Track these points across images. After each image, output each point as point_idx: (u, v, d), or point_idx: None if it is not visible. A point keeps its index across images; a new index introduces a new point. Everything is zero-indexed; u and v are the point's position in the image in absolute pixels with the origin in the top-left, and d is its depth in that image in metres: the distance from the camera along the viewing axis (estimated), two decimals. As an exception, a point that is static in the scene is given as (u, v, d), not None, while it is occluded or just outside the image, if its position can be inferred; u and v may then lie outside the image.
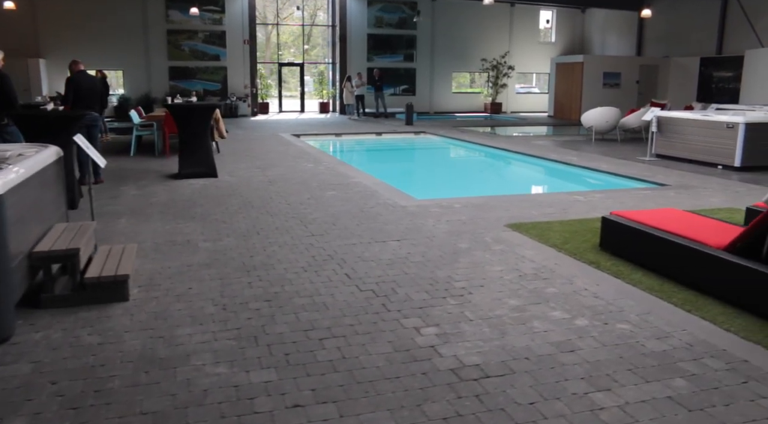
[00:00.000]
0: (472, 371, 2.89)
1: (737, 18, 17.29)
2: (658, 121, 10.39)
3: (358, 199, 6.83)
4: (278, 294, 3.93)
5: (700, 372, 2.88)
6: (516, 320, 3.49)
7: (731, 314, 3.57)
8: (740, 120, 9.09)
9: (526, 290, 3.96)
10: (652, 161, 10.18)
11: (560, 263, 4.53)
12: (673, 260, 4.11)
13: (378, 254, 4.77)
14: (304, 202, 6.73)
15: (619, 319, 3.51)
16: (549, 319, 3.50)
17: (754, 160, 9.07)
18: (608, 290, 3.97)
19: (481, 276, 4.23)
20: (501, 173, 11.23)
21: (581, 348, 3.13)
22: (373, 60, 22.01)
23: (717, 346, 3.16)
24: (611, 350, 3.11)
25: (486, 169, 11.94)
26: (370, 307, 3.69)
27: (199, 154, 8.37)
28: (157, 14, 19.53)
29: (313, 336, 3.30)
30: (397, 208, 6.36)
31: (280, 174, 8.64)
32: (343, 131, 15.67)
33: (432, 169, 12.00)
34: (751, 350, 3.12)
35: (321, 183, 7.90)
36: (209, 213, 6.20)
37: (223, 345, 3.19)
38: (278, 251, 4.88)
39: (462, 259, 4.62)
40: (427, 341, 3.22)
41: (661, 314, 3.58)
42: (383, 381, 2.80)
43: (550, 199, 6.88)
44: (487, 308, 3.66)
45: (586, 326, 3.41)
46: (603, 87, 19.11)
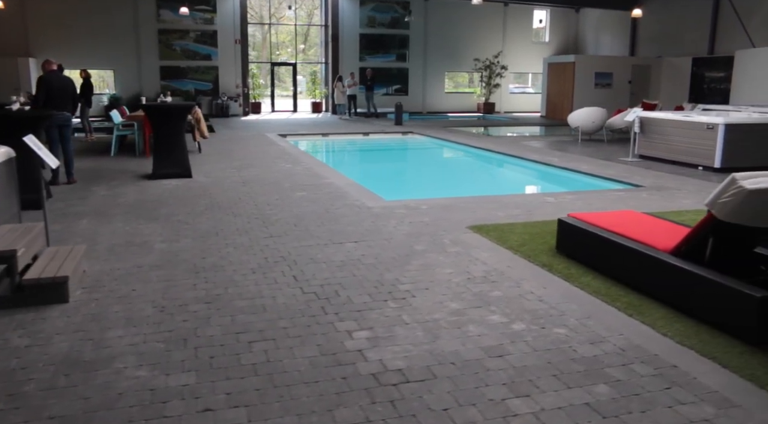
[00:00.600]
0: (393, 376, 2.85)
1: (729, 18, 17.20)
2: (641, 121, 10.33)
3: (325, 200, 6.79)
4: (220, 296, 3.89)
5: (625, 378, 2.84)
6: (452, 323, 3.45)
7: (672, 318, 3.52)
8: (720, 121, 9.02)
9: (470, 294, 3.92)
10: (634, 162, 10.12)
11: (513, 266, 4.48)
12: (621, 263, 4.07)
13: (331, 255, 4.74)
14: (272, 203, 6.70)
15: (558, 323, 3.46)
16: (486, 323, 3.46)
17: (733, 162, 8.99)
18: (554, 294, 3.92)
19: (428, 279, 4.19)
20: (477, 174, 11.16)
21: (511, 353, 3.09)
22: (366, 60, 21.97)
23: (650, 351, 3.12)
24: (541, 355, 3.07)
25: (464, 169, 11.90)
26: (308, 310, 3.66)
27: (175, 154, 8.34)
28: (148, 14, 19.53)
29: (243, 339, 3.26)
30: (362, 210, 6.32)
31: (256, 175, 8.61)
32: (330, 131, 15.63)
33: (410, 170, 11.96)
34: (683, 355, 3.07)
35: (294, 184, 7.87)
36: (173, 214, 6.18)
37: (151, 348, 3.16)
38: (232, 252, 4.85)
39: (414, 261, 4.58)
40: (357, 344, 3.18)
41: (602, 319, 3.54)
42: (300, 385, 2.77)
43: (519, 201, 6.83)
44: (426, 312, 3.62)
45: (522, 330, 3.37)
46: (595, 87, 19.03)
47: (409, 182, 10.23)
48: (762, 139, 8.94)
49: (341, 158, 13.43)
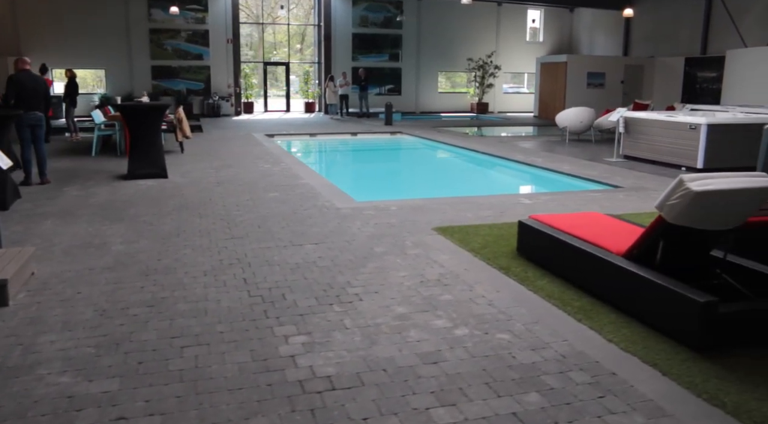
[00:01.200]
0: (320, 383, 2.77)
1: (722, 18, 17.06)
2: (625, 122, 10.22)
3: (296, 201, 6.71)
4: (165, 299, 3.82)
5: (560, 386, 2.75)
6: (394, 328, 3.37)
7: (621, 323, 3.43)
8: (702, 121, 8.91)
9: (420, 297, 3.83)
10: (618, 163, 10.01)
11: (470, 269, 4.40)
12: (576, 266, 3.98)
13: (288, 257, 4.66)
14: (241, 203, 6.62)
15: (503, 328, 3.38)
16: (429, 328, 3.38)
17: (716, 162, 8.88)
18: (506, 298, 3.84)
19: (380, 282, 4.11)
20: (457, 175, 11.06)
21: (447, 360, 3.00)
22: (358, 59, 21.87)
23: (591, 358, 3.03)
24: (478, 361, 2.98)
25: (445, 170, 11.81)
26: (251, 313, 3.58)
27: (151, 154, 8.26)
28: (139, 13, 19.47)
29: (176, 344, 3.18)
30: (330, 211, 6.24)
31: (233, 175, 8.53)
32: (319, 131, 15.55)
33: (390, 171, 11.86)
34: (625, 362, 2.98)
35: (268, 184, 7.79)
36: (140, 215, 6.10)
37: (81, 353, 3.08)
38: (189, 254, 4.77)
39: (370, 264, 4.50)
40: (291, 350, 3.10)
41: (549, 324, 3.45)
42: (223, 392, 2.69)
43: (493, 202, 6.74)
44: (370, 316, 3.53)
45: (464, 335, 3.28)
46: (587, 87, 18.90)
47: (386, 183, 10.16)
48: (744, 139, 8.82)
49: (323, 159, 13.35)
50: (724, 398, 2.64)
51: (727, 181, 3.24)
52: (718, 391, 2.70)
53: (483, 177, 10.79)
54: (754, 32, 16.05)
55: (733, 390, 2.71)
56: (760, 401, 2.62)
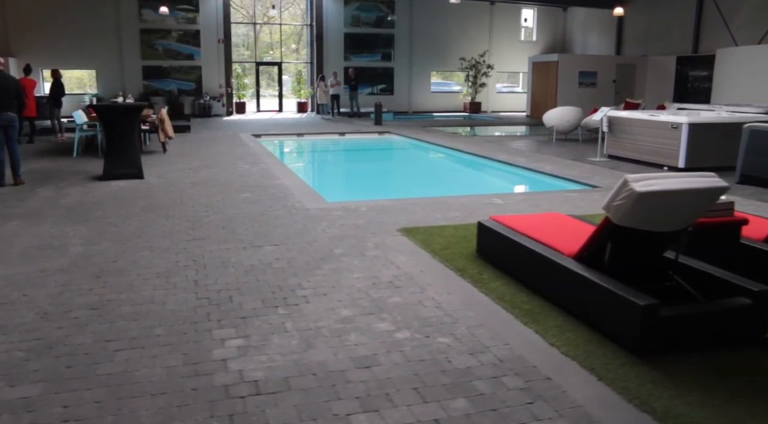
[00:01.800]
0: (245, 387, 2.71)
1: (713, 16, 16.97)
2: (609, 121, 10.15)
3: (266, 202, 6.65)
4: (111, 302, 3.76)
5: (490, 392, 2.69)
6: (335, 331, 3.31)
7: (567, 326, 3.37)
8: (684, 120, 8.84)
9: (368, 300, 3.78)
10: (601, 162, 9.94)
11: (426, 270, 4.34)
12: (529, 268, 3.92)
13: (245, 259, 4.60)
14: (211, 204, 6.57)
15: (446, 332, 3.31)
16: (370, 331, 3.32)
17: (697, 162, 8.80)
18: (455, 300, 3.78)
19: (332, 284, 4.05)
20: (437, 175, 11.00)
21: (381, 364, 2.94)
22: (350, 59, 21.81)
23: (529, 362, 2.96)
24: (412, 366, 2.92)
25: (425, 170, 11.74)
26: (193, 316, 3.52)
27: (127, 155, 8.21)
28: (130, 13, 19.43)
29: (111, 347, 3.13)
30: (299, 212, 6.19)
31: (210, 175, 8.48)
32: (307, 131, 15.49)
33: (369, 171, 11.79)
34: (563, 367, 2.92)
35: (243, 185, 7.73)
36: (107, 216, 6.05)
37: (10, 357, 3.03)
38: (146, 255, 4.72)
39: (327, 265, 4.44)
40: (224, 353, 3.05)
41: (494, 327, 3.39)
42: (145, 397, 2.63)
43: (465, 202, 6.67)
44: (313, 319, 3.48)
45: (405, 339, 3.22)
46: (579, 86, 18.81)
47: (363, 183, 10.12)
48: (726, 138, 8.75)
49: (304, 159, 13.28)
50: (654, 403, 2.58)
51: (672, 181, 3.17)
52: (650, 396, 2.64)
53: (461, 177, 10.71)
54: (744, 31, 15.96)
55: (665, 395, 2.65)
56: (689, 406, 2.55)
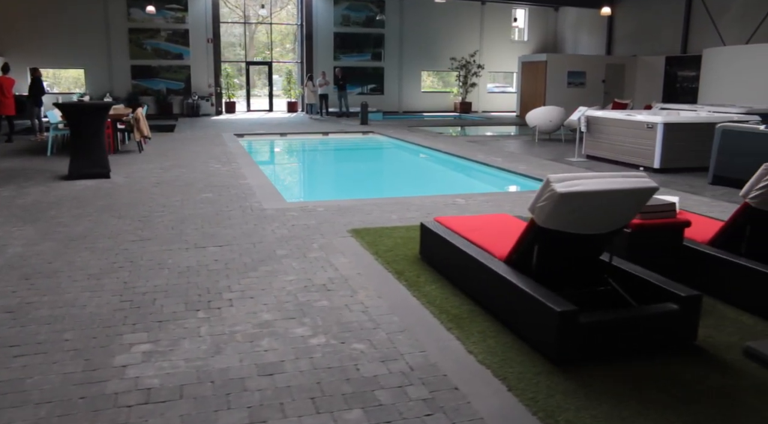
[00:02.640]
0: (135, 396, 2.60)
1: (702, 16, 16.82)
2: (588, 121, 10.02)
3: (225, 202, 6.54)
4: (30, 304, 3.65)
5: (390, 402, 2.57)
6: (248, 337, 3.20)
7: (491, 333, 3.25)
8: (659, 120, 8.70)
9: (294, 303, 3.66)
10: (579, 162, 9.81)
11: (363, 273, 4.22)
12: (462, 271, 3.80)
13: (184, 260, 4.49)
14: (169, 204, 6.46)
15: (364, 338, 3.20)
16: (285, 336, 3.20)
17: (673, 162, 8.68)
18: (384, 305, 3.66)
19: (262, 287, 3.94)
20: (409, 175, 10.87)
21: (285, 371, 2.82)
22: (340, 59, 21.70)
23: (442, 371, 2.84)
24: (317, 374, 2.81)
25: (398, 170, 11.60)
26: (109, 320, 3.41)
27: (93, 154, 8.11)
28: (118, 12, 19.35)
29: (12, 353, 3.01)
30: (254, 212, 6.07)
31: (178, 175, 8.37)
32: (291, 131, 15.37)
33: (341, 171, 11.67)
34: (475, 376, 2.80)
35: (207, 185, 7.62)
36: (59, 216, 5.94)
37: None
38: (85, 256, 4.61)
39: (264, 267, 4.33)
40: (127, 359, 2.93)
41: (416, 333, 3.27)
42: (28, 407, 2.52)
43: (426, 202, 6.55)
44: (230, 323, 3.36)
45: (318, 345, 3.11)
46: (567, 86, 18.66)
47: (330, 183, 10.03)
48: (702, 139, 8.60)
49: (279, 158, 13.13)
50: (559, 416, 2.46)
51: (596, 182, 3.05)
52: (557, 408, 2.51)
53: (432, 177, 10.59)
54: (732, 31, 15.81)
55: (573, 407, 2.53)
56: (595, 419, 2.43)
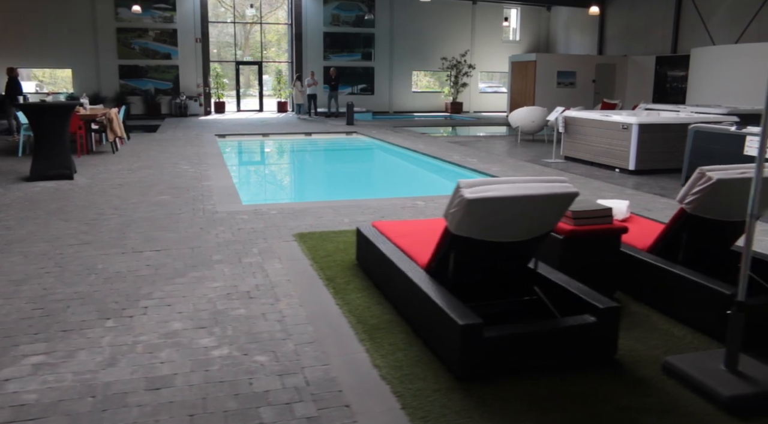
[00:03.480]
0: (5, 413, 2.46)
1: (692, 16, 16.61)
2: (565, 121, 9.85)
3: (179, 205, 6.41)
4: (-62, 312, 3.54)
5: (272, 421, 2.42)
6: (150, 347, 3.06)
7: (402, 345, 3.10)
8: (633, 121, 8.53)
9: (210, 312, 3.53)
10: (555, 164, 9.64)
11: (293, 280, 4.08)
12: (387, 278, 3.65)
13: (115, 265, 4.36)
14: (122, 207, 6.34)
15: (269, 349, 3.06)
16: (189, 347, 3.07)
17: (648, 164, 8.51)
18: (303, 313, 3.52)
19: (185, 294, 3.80)
20: (378, 177, 10.73)
21: (174, 386, 2.69)
22: (330, 59, 21.56)
23: (339, 386, 2.70)
24: (206, 389, 2.67)
25: (369, 172, 11.46)
26: (13, 329, 3.27)
27: (56, 155, 8.00)
28: (106, 12, 19.27)
29: None
30: (205, 215, 5.94)
31: (142, 177, 8.24)
32: (275, 131, 15.22)
33: (312, 172, 11.52)
34: (372, 392, 2.65)
35: (168, 187, 7.49)
36: (6, 219, 5.80)
37: None
38: (16, 261, 4.48)
39: (193, 273, 4.19)
40: (13, 372, 2.80)
41: (326, 344, 3.12)
42: None
43: (383, 205, 6.41)
44: (136, 333, 3.23)
45: (219, 357, 2.97)
46: (557, 86, 18.46)
47: (296, 185, 9.91)
48: (679, 140, 8.43)
49: (252, 159, 12.95)
50: (445, 436, 2.32)
51: (509, 187, 2.90)
52: (446, 428, 2.38)
53: (401, 179, 10.45)
54: (722, 30, 15.60)
55: (463, 427, 2.38)
56: (480, 441, 2.29)
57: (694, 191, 3.38)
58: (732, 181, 3.24)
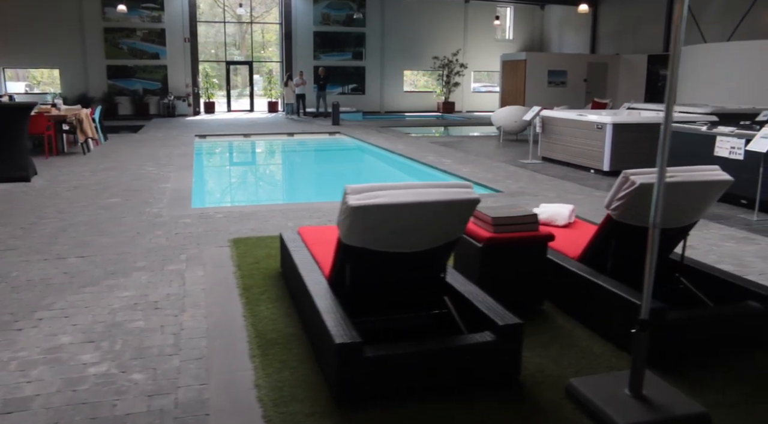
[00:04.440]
0: None
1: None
2: (543, 121, 9.60)
3: (127, 208, 6.22)
4: None
5: (119, 448, 2.23)
6: (25, 364, 2.86)
7: (294, 363, 2.87)
8: (608, 121, 8.27)
9: (106, 325, 3.32)
10: (532, 165, 9.39)
11: (209, 289, 3.87)
12: (299, 290, 3.44)
13: (30, 273, 4.16)
14: (67, 210, 6.14)
15: (151, 366, 2.85)
16: (66, 364, 2.86)
17: (623, 165, 8.14)
18: (204, 327, 3.30)
19: (87, 304, 3.60)
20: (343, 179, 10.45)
21: (29, 409, 2.48)
22: (320, 58, 21.36)
23: (207, 410, 2.47)
24: (62, 412, 2.46)
25: (337, 173, 11.21)
26: None
27: (13, 156, 7.85)
28: (93, 11, 19.15)
29: None
30: (149, 219, 5.74)
31: (102, 179, 8.05)
32: (259, 132, 15.02)
33: (276, 175, 11.30)
34: (239, 417, 2.43)
35: (125, 189, 7.30)
36: (-56, 222, 5.68)
37: None
38: (-69, 268, 4.33)
39: (107, 281, 3.99)
40: None
41: (215, 361, 2.91)
42: None
43: (333, 208, 5.95)
44: (18, 348, 3.03)
45: (95, 374, 2.76)
46: (548, 85, 18.16)
47: (256, 187, 9.73)
48: (654, 140, 8.14)
49: (220, 161, 12.65)
50: (299, 470, 2.10)
51: (398, 193, 2.67)
52: (305, 459, 2.16)
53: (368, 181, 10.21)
54: (714, 28, 15.26)
55: (323, 458, 2.17)
56: (335, 476, 2.08)
57: (619, 197, 3.15)
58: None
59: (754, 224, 5.80)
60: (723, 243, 5.05)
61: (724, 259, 4.61)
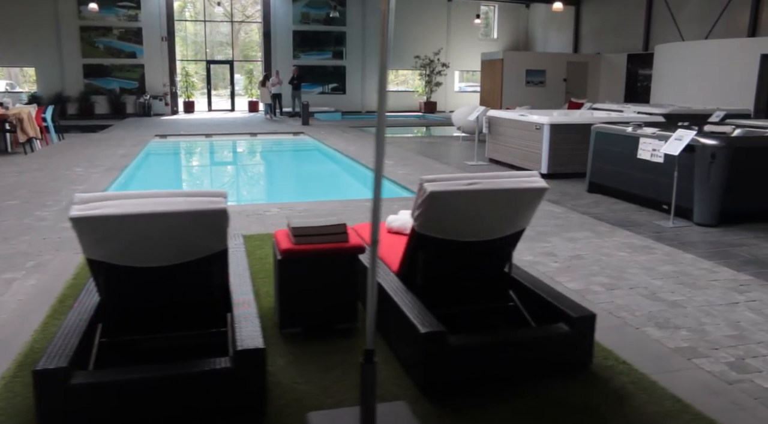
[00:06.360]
0: None
1: (663, 12, 15.81)
2: (489, 121, 9.28)
3: (16, 211, 6.00)
4: None
5: None
6: None
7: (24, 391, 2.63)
8: (546, 121, 7.92)
9: None
10: (478, 166, 9.07)
11: (25, 300, 3.61)
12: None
13: None
14: (-44, 212, 5.97)
15: None
16: None
17: (561, 167, 7.90)
18: None
19: None
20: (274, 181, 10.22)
21: None
22: (300, 58, 21.14)
23: None
24: None
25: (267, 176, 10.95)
26: None
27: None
28: (68, 9, 19.08)
29: None
30: (30, 223, 5.50)
31: (21, 180, 7.82)
32: (225, 132, 14.81)
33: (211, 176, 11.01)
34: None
35: (33, 191, 7.07)
36: None
37: None
38: None
39: None
40: None
41: (-38, 383, 2.67)
42: None
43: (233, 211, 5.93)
44: None
45: None
46: (526, 85, 17.77)
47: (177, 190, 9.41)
48: (593, 142, 7.80)
49: (159, 162, 12.21)
50: None
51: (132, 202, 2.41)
52: None
53: (296, 182, 10.01)
54: (692, 27, 14.80)
55: None
56: None
57: (418, 206, 2.85)
58: (448, 194, 2.70)
59: (667, 230, 5.44)
60: (616, 253, 4.71)
61: (605, 271, 4.27)
